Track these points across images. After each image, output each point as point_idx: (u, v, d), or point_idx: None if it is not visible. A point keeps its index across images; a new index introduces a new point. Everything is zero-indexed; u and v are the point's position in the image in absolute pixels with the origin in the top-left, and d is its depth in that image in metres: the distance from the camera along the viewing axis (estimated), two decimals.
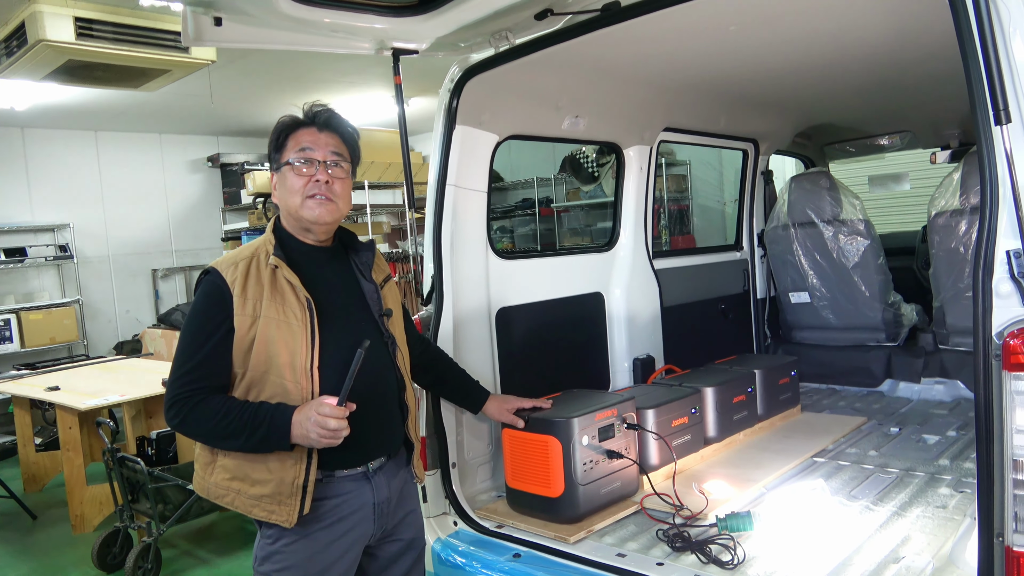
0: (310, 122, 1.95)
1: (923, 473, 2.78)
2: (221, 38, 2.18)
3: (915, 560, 2.07)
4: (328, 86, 7.28)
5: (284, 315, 1.82)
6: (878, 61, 2.99)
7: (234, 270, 1.84)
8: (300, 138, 1.92)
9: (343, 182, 1.95)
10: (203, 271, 1.90)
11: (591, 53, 2.65)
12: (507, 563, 2.33)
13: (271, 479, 1.81)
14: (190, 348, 1.83)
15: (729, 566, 2.09)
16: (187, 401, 1.79)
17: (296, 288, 1.85)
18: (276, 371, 1.82)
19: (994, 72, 1.44)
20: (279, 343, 1.81)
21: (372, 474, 1.95)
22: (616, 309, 3.51)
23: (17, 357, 7.70)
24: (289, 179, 1.91)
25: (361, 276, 2.02)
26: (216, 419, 1.78)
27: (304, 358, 1.81)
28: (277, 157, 1.95)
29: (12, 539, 4.94)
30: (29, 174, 8.31)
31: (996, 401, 1.49)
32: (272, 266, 1.85)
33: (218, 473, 1.87)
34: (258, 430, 1.76)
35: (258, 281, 1.84)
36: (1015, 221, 1.46)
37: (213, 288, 1.84)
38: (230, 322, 1.81)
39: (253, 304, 1.82)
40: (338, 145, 1.96)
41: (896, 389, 4.07)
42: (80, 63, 4.82)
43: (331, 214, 1.92)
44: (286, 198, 1.92)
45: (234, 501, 1.86)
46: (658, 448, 2.75)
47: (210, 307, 1.83)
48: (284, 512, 1.82)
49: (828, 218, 4.08)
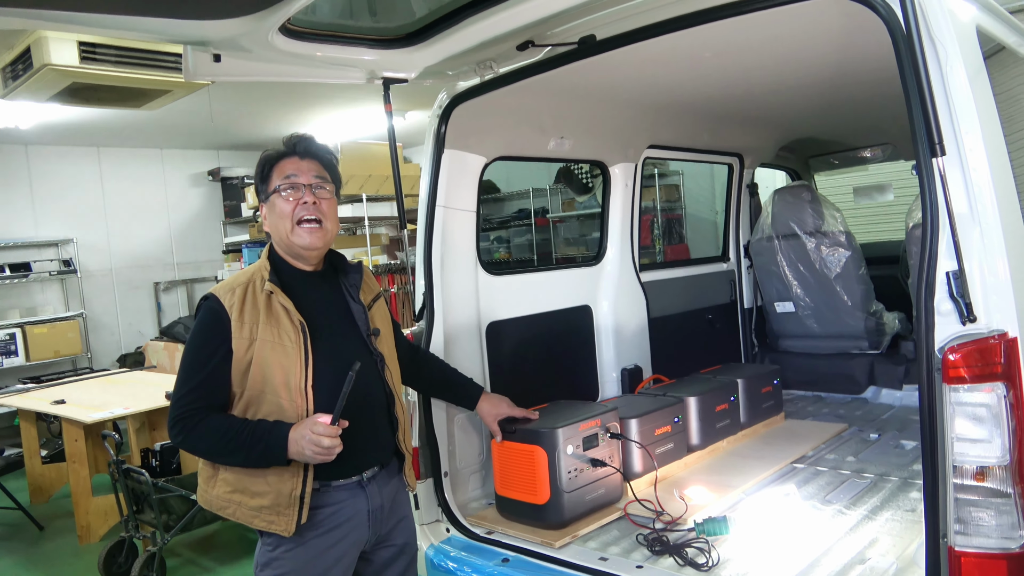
0: (291, 151, 2.07)
1: (896, 478, 2.89)
2: (220, 73, 2.30)
3: (880, 561, 2.19)
4: (325, 101, 7.43)
5: (279, 337, 1.93)
6: (844, 81, 3.11)
7: (231, 295, 1.96)
8: (284, 167, 2.05)
9: (329, 202, 2.08)
10: (203, 297, 2.02)
11: (572, 80, 2.78)
12: (496, 567, 2.44)
13: (270, 491, 1.92)
14: (191, 370, 1.94)
15: (704, 568, 2.21)
16: (188, 420, 1.90)
17: (290, 312, 1.95)
18: (272, 390, 1.92)
19: (929, 108, 1.56)
20: (274, 364, 1.92)
21: (366, 483, 2.05)
22: (604, 321, 3.63)
23: (22, 371, 7.83)
24: (278, 205, 2.03)
25: (350, 298, 2.13)
26: (216, 437, 1.89)
27: (298, 378, 1.92)
28: (264, 188, 2.07)
29: (19, 549, 5.04)
30: (33, 190, 8.46)
31: (938, 411, 1.61)
32: (267, 292, 1.96)
33: (220, 486, 1.98)
34: (256, 447, 1.87)
35: (254, 306, 1.95)
36: (951, 244, 1.58)
37: (211, 313, 1.95)
38: (228, 345, 1.92)
39: (250, 328, 1.93)
40: (319, 169, 2.08)
41: (879, 396, 4.18)
42: (84, 85, 4.95)
43: (321, 239, 2.04)
44: (277, 224, 2.04)
45: (235, 512, 1.96)
46: (641, 456, 2.86)
47: (209, 331, 1.94)
48: (283, 522, 1.92)
49: (810, 230, 4.19)
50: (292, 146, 2.07)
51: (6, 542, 5.22)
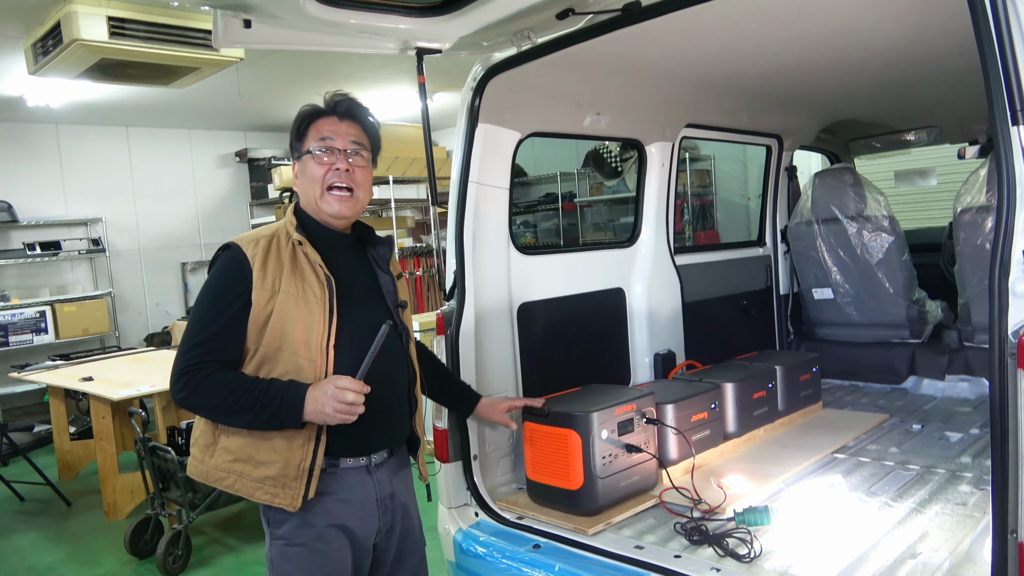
0: (331, 111, 1.96)
1: (944, 470, 2.78)
2: (250, 40, 2.24)
3: (932, 556, 2.08)
4: (354, 82, 7.36)
5: (303, 292, 1.82)
6: (901, 57, 2.98)
7: (255, 246, 1.84)
8: (321, 127, 1.94)
9: (364, 171, 1.96)
10: (221, 247, 1.89)
11: (612, 51, 2.68)
12: (527, 554, 2.37)
13: (277, 460, 1.79)
14: (204, 320, 1.80)
15: (746, 559, 2.12)
16: (196, 373, 1.76)
17: (316, 265, 1.85)
18: (290, 348, 1.80)
19: (1011, 72, 1.45)
20: (296, 320, 1.80)
21: (374, 469, 1.94)
22: (637, 305, 3.53)
23: (52, 348, 7.90)
24: (310, 168, 1.92)
25: (378, 268, 2.03)
26: (227, 393, 1.74)
27: (321, 336, 1.80)
28: (298, 146, 1.96)
29: (48, 524, 5.09)
30: (63, 169, 8.51)
31: (1011, 398, 1.50)
32: (296, 242, 1.85)
33: (219, 455, 1.84)
34: (269, 406, 1.73)
35: (278, 258, 1.84)
36: None
37: (232, 262, 1.83)
38: (247, 295, 1.79)
39: (273, 279, 1.81)
40: (358, 134, 1.97)
41: (920, 386, 4.05)
42: (113, 61, 4.93)
43: (351, 209, 1.94)
44: (306, 187, 1.94)
45: (235, 484, 1.83)
46: (677, 443, 2.78)
47: (228, 280, 1.82)
48: (288, 495, 1.79)
49: (852, 214, 4.06)
50: (333, 105, 1.96)
51: (35, 517, 5.28)
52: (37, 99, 6.90)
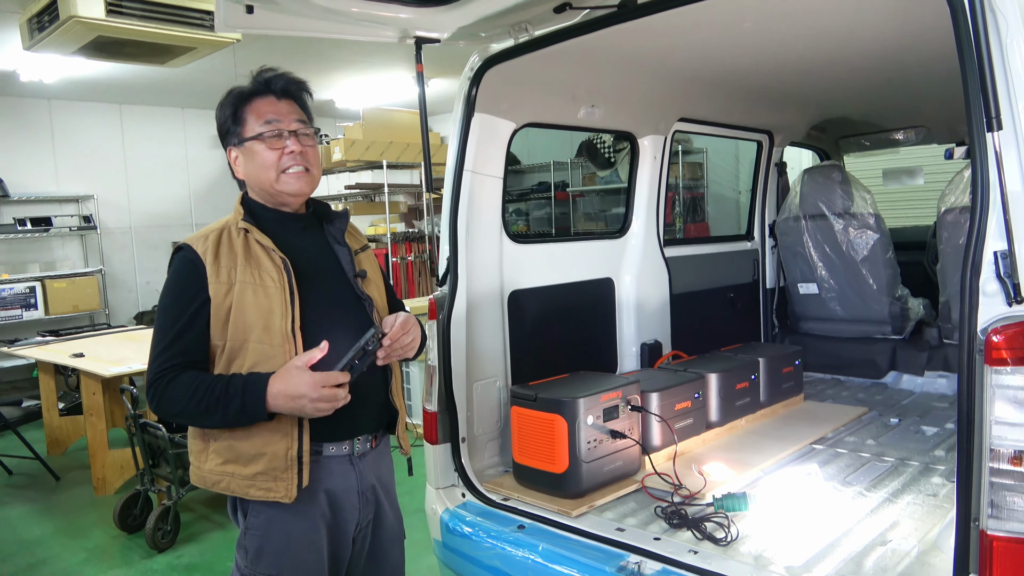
0: (266, 90, 1.90)
1: (918, 463, 2.86)
2: (252, 25, 2.26)
3: (901, 544, 2.17)
4: (350, 66, 7.36)
5: (260, 279, 1.79)
6: (892, 58, 3.04)
7: (204, 241, 1.82)
8: (261, 109, 1.88)
9: (314, 149, 1.93)
10: (175, 249, 1.87)
11: (608, 45, 2.72)
12: (512, 534, 2.44)
13: (264, 452, 1.77)
14: (164, 326, 1.78)
15: (723, 543, 2.19)
16: (161, 380, 1.74)
17: (269, 250, 1.82)
18: (256, 337, 1.77)
19: (987, 80, 1.51)
20: (256, 308, 1.78)
21: (357, 459, 1.92)
22: (626, 295, 3.60)
23: (41, 324, 7.90)
24: (260, 155, 1.86)
25: (335, 242, 1.99)
26: (188, 394, 1.72)
27: (285, 319, 1.78)
28: (238, 131, 1.89)
29: (37, 498, 5.13)
30: (55, 145, 8.47)
31: (978, 393, 1.58)
32: (242, 230, 1.83)
33: (211, 460, 1.83)
34: (233, 401, 1.71)
35: (230, 249, 1.81)
36: (1003, 223, 1.53)
37: (185, 262, 1.81)
38: (205, 292, 1.77)
39: (227, 271, 1.79)
40: (299, 111, 1.92)
41: (900, 381, 4.14)
42: (109, 39, 4.92)
43: (309, 184, 1.91)
44: (258, 174, 1.88)
45: (229, 485, 1.81)
46: (660, 430, 2.85)
47: (182, 282, 1.79)
48: (282, 487, 1.77)
49: (839, 211, 4.13)
50: (266, 83, 1.90)
51: (23, 491, 5.31)
52: (30, 74, 6.86)
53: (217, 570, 3.93)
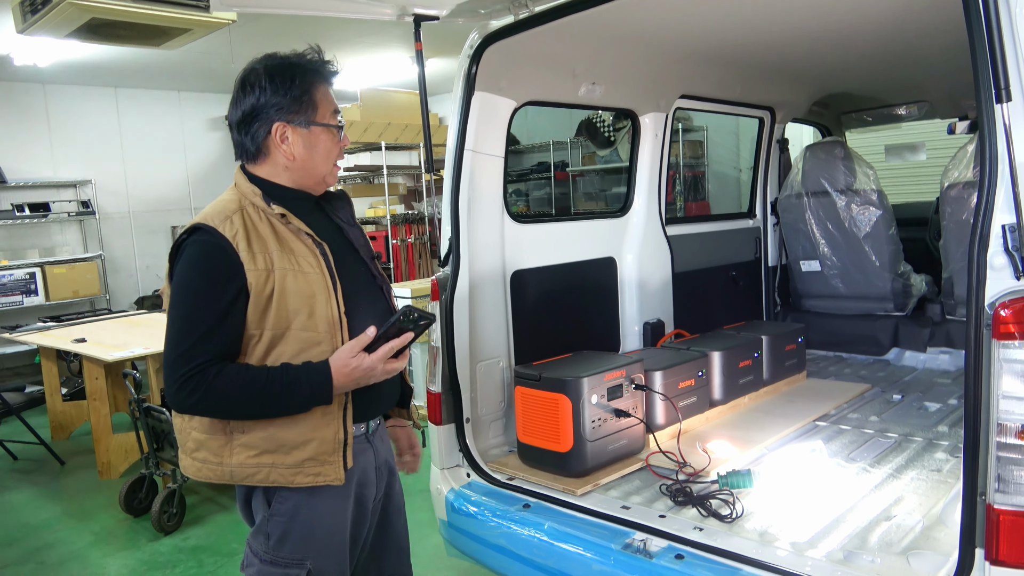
0: (329, 76, 1.85)
1: (921, 439, 2.87)
2: (247, 4, 2.24)
3: (906, 519, 2.17)
4: (347, 46, 7.29)
5: (297, 264, 1.72)
6: (893, 31, 3.01)
7: (230, 224, 1.69)
8: (328, 98, 1.82)
9: None
10: (187, 231, 1.70)
11: (608, 21, 2.69)
12: (517, 513, 2.45)
13: (312, 439, 1.72)
14: (196, 316, 1.64)
15: (728, 520, 2.20)
16: (203, 375, 1.61)
17: (303, 234, 1.76)
18: (300, 325, 1.70)
19: (997, 51, 1.49)
20: (297, 294, 1.70)
21: (372, 436, 1.91)
22: (628, 274, 3.59)
23: (42, 310, 7.90)
24: (325, 144, 1.82)
25: (345, 223, 1.95)
26: (241, 388, 1.63)
27: (330, 305, 1.73)
28: (307, 112, 1.78)
29: (42, 483, 5.15)
30: (51, 130, 8.42)
31: (985, 367, 1.57)
32: (278, 214, 1.75)
33: (239, 454, 1.72)
34: (298, 391, 1.65)
35: (258, 233, 1.71)
36: (1011, 197, 1.52)
37: (213, 247, 1.66)
38: (241, 280, 1.65)
39: (263, 257, 1.69)
40: None
41: (902, 358, 4.14)
42: (103, 21, 4.86)
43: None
44: (315, 160, 1.81)
45: (269, 475, 1.72)
46: (664, 408, 2.85)
47: (215, 266, 1.65)
48: (331, 471, 1.73)
49: (841, 188, 4.11)
50: (330, 74, 1.84)
51: (29, 475, 5.33)
52: (24, 58, 6.80)
53: (223, 551, 3.95)
